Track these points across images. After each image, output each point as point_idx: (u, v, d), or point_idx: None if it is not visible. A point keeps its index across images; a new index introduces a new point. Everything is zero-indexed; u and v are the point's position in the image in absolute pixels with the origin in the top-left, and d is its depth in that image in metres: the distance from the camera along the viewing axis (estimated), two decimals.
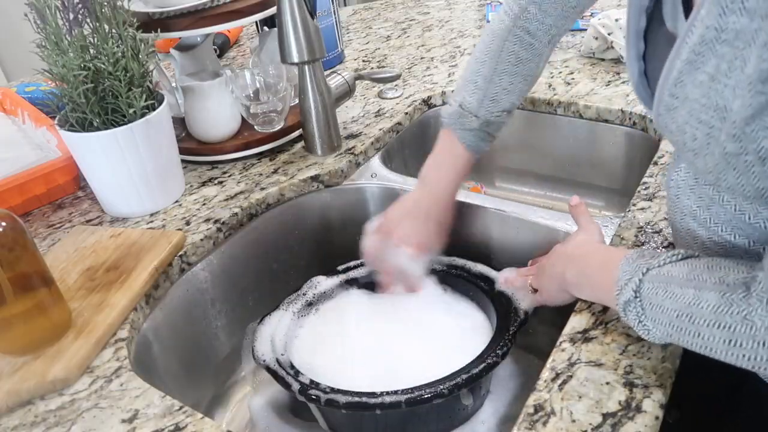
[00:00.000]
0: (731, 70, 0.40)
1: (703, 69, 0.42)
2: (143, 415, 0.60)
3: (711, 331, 0.47)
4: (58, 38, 0.78)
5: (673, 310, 0.50)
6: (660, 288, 0.51)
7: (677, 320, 0.50)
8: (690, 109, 0.44)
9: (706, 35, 0.41)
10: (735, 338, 0.45)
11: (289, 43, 0.90)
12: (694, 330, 0.48)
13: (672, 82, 0.45)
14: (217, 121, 0.98)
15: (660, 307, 0.51)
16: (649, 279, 0.53)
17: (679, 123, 0.46)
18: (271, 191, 0.93)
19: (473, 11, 1.57)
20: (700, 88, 0.42)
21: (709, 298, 0.47)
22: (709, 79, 0.42)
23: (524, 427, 0.54)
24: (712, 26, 0.40)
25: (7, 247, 0.63)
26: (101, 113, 0.82)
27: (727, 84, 0.40)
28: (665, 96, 0.46)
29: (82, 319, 0.70)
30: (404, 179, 0.98)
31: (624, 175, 1.10)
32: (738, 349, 0.46)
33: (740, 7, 0.38)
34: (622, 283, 0.54)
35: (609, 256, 0.60)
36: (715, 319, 0.47)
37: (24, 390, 0.63)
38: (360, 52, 1.42)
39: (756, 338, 0.44)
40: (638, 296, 0.53)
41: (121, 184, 0.86)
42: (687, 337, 0.49)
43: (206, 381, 0.87)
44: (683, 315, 0.49)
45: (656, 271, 0.53)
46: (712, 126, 0.42)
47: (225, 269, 0.88)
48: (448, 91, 1.17)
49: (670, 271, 0.52)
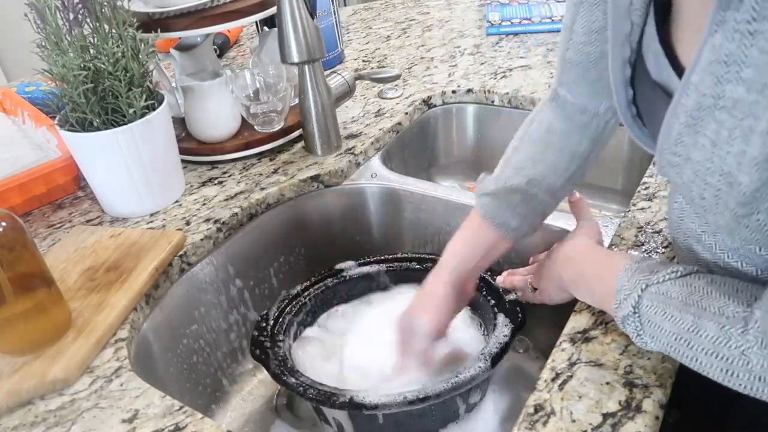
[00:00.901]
0: (732, 138, 0.39)
1: (703, 132, 0.41)
2: (143, 415, 0.60)
3: (709, 360, 0.48)
4: (58, 38, 0.78)
5: (672, 332, 0.50)
6: (659, 308, 0.51)
7: (675, 342, 0.50)
8: (695, 170, 0.43)
9: (703, 102, 0.40)
10: (732, 369, 0.46)
11: (289, 43, 0.90)
12: (692, 355, 0.49)
13: (673, 142, 0.45)
14: (217, 121, 0.98)
15: (658, 326, 0.51)
16: (648, 296, 0.52)
17: (684, 180, 0.45)
18: (271, 191, 0.93)
19: (473, 11, 1.57)
20: (703, 152, 0.42)
21: (708, 327, 0.47)
22: (710, 144, 0.41)
23: (524, 427, 0.54)
24: (709, 94, 0.40)
25: (7, 247, 0.63)
26: (101, 113, 0.82)
27: (729, 152, 0.40)
28: (667, 153, 0.46)
29: (82, 319, 0.70)
30: (404, 179, 0.98)
31: (624, 175, 1.10)
32: (735, 379, 0.46)
33: (736, 77, 0.38)
34: (621, 297, 0.54)
35: (607, 264, 0.59)
36: (713, 349, 0.47)
37: (24, 390, 0.63)
38: (360, 52, 1.42)
39: (752, 373, 0.45)
40: (637, 312, 0.53)
41: (121, 184, 0.86)
42: (685, 360, 0.50)
43: (206, 381, 0.87)
44: (681, 339, 0.49)
45: (655, 288, 0.52)
46: (719, 189, 0.42)
47: (225, 269, 0.88)
48: (448, 91, 1.17)
49: (670, 290, 0.51)
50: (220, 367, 0.90)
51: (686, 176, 0.45)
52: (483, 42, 1.37)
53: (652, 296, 0.52)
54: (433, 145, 1.21)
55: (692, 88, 0.41)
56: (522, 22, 1.39)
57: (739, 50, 0.37)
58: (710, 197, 0.43)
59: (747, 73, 0.37)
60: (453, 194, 0.95)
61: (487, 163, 1.18)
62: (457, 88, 1.17)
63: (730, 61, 0.38)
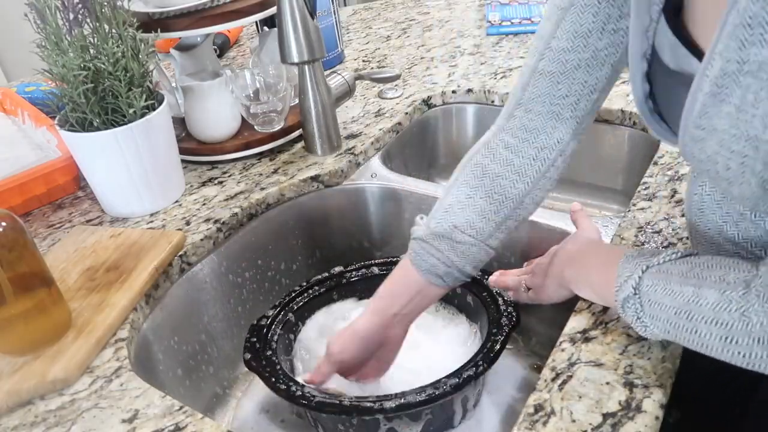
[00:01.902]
0: (758, 101, 0.40)
1: (728, 101, 0.42)
2: (143, 415, 0.60)
3: (708, 329, 0.48)
4: (58, 38, 0.78)
5: (672, 307, 0.50)
6: (659, 285, 0.52)
7: (675, 317, 0.50)
8: (720, 140, 0.43)
9: (728, 68, 0.41)
10: (731, 335, 0.46)
11: (289, 43, 0.90)
12: (691, 327, 0.49)
13: (696, 114, 0.45)
14: (217, 121, 0.98)
15: (659, 304, 0.51)
16: (648, 276, 0.53)
17: (708, 153, 0.45)
18: (271, 191, 0.93)
19: (473, 11, 1.57)
20: (728, 119, 0.42)
21: (708, 295, 0.48)
22: (735, 110, 0.41)
23: (524, 427, 0.54)
24: (733, 59, 0.40)
25: (7, 247, 0.63)
26: (101, 113, 0.82)
27: (755, 114, 0.40)
28: (690, 128, 0.46)
29: (82, 319, 0.70)
30: (404, 179, 0.98)
31: (624, 175, 1.10)
32: (734, 347, 0.46)
33: (760, 39, 0.38)
34: (621, 280, 0.54)
35: (608, 255, 0.60)
36: (713, 317, 0.47)
37: (24, 390, 0.63)
38: (360, 52, 1.42)
39: (752, 335, 0.45)
40: (637, 293, 0.53)
41: (121, 184, 0.86)
42: (684, 334, 0.50)
43: (206, 381, 0.87)
44: (681, 312, 0.49)
45: (656, 268, 0.53)
46: (745, 155, 0.42)
47: (225, 269, 0.88)
48: (448, 91, 1.17)
49: (670, 268, 0.52)
50: (220, 367, 0.90)
51: (710, 149, 0.45)
52: (483, 42, 1.37)
53: (652, 275, 0.53)
54: (433, 145, 1.21)
55: (717, 56, 0.41)
56: (522, 22, 1.39)
57: (763, 10, 0.37)
58: (736, 166, 0.43)
59: None
60: None
61: None
62: (457, 88, 1.17)
63: (754, 23, 0.38)
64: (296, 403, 0.67)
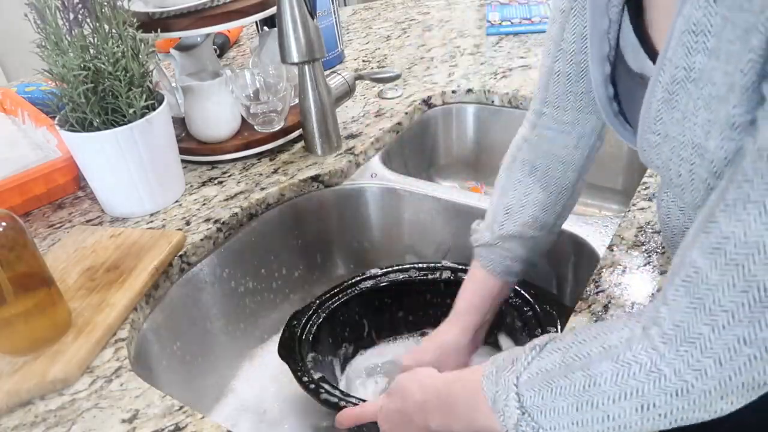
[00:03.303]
0: (696, 109, 0.40)
1: (677, 107, 0.42)
2: (143, 415, 0.60)
3: (620, 407, 0.42)
4: (58, 38, 0.78)
5: (570, 405, 0.44)
6: (544, 389, 0.45)
7: (579, 414, 0.44)
8: (671, 147, 0.44)
9: (677, 75, 0.41)
10: (645, 401, 0.41)
11: (289, 43, 0.90)
12: (601, 415, 0.43)
13: (651, 120, 0.45)
14: (217, 121, 0.98)
15: (554, 410, 0.45)
16: (524, 386, 0.46)
17: (663, 159, 0.45)
18: (271, 191, 0.93)
19: (473, 11, 1.57)
20: (677, 126, 0.42)
21: (603, 370, 0.43)
22: (682, 117, 0.42)
23: None
24: (681, 66, 0.40)
25: (7, 247, 0.63)
26: (101, 113, 0.82)
27: (695, 122, 0.40)
28: (647, 133, 0.46)
29: (82, 319, 0.70)
30: (404, 179, 0.98)
31: (624, 175, 1.10)
32: (652, 413, 0.41)
33: (703, 47, 0.38)
34: (500, 406, 0.47)
35: (465, 385, 0.52)
36: (619, 391, 0.42)
37: (24, 390, 0.63)
38: (360, 52, 1.42)
39: (667, 390, 0.40)
40: (525, 411, 0.46)
41: (121, 184, 0.86)
42: (597, 426, 0.43)
43: (206, 381, 0.87)
44: (583, 404, 0.43)
45: (527, 374, 0.47)
46: (693, 163, 0.42)
47: (225, 269, 0.88)
48: (448, 91, 1.17)
49: (542, 366, 0.46)
50: (220, 367, 0.90)
51: (664, 155, 0.45)
52: (483, 42, 1.37)
53: (529, 383, 0.46)
54: (433, 145, 1.21)
55: (667, 63, 0.41)
56: (522, 22, 1.39)
57: (705, 18, 0.38)
58: (685, 173, 0.43)
59: (712, 42, 0.38)
60: (453, 194, 0.95)
61: (487, 163, 1.18)
62: (457, 88, 1.17)
63: (698, 30, 0.38)
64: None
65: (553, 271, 0.87)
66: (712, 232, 0.38)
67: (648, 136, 0.46)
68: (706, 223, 0.39)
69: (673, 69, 0.41)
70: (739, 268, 0.36)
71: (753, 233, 0.36)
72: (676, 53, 0.40)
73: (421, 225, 0.98)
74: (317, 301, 0.83)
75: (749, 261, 0.36)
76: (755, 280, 0.36)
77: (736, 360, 0.38)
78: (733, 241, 0.37)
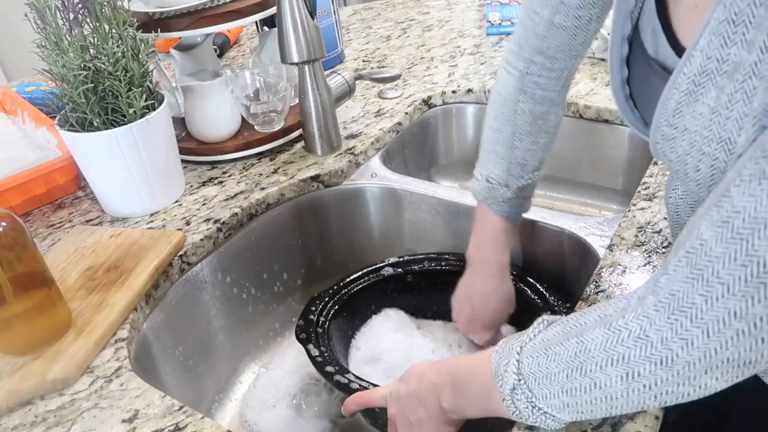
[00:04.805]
0: (732, 103, 0.39)
1: (702, 100, 0.41)
2: (143, 415, 0.60)
3: (606, 374, 0.42)
4: (58, 38, 0.78)
5: (561, 371, 0.45)
6: (540, 356, 0.46)
7: (568, 381, 0.44)
8: (691, 141, 0.43)
9: (707, 66, 0.40)
10: (631, 369, 0.41)
11: (289, 43, 0.90)
12: (588, 382, 0.43)
13: (670, 113, 0.44)
14: (217, 121, 0.98)
15: (546, 376, 0.45)
16: (526, 354, 0.48)
17: (679, 153, 0.45)
18: (271, 191, 0.93)
19: (473, 11, 1.57)
20: (701, 120, 0.42)
21: (594, 336, 0.43)
22: (710, 111, 0.41)
23: (524, 427, 0.54)
24: (714, 57, 0.40)
25: (7, 247, 0.63)
26: (101, 113, 0.82)
27: (728, 117, 0.40)
28: (663, 126, 0.46)
29: (82, 319, 0.70)
30: (404, 179, 0.98)
31: (624, 175, 1.10)
32: (636, 382, 0.41)
33: (741, 39, 0.38)
34: (501, 371, 0.48)
35: (475, 361, 0.53)
36: (606, 357, 0.42)
37: (24, 390, 0.63)
38: (360, 52, 1.42)
39: (652, 358, 0.40)
40: (521, 378, 0.47)
41: (121, 184, 0.86)
42: (584, 396, 0.44)
43: (206, 381, 0.87)
44: (573, 370, 0.44)
45: (530, 344, 0.48)
46: (716, 158, 0.42)
47: (225, 269, 0.88)
48: (448, 91, 1.17)
49: (545, 336, 0.48)
50: (221, 367, 0.90)
51: (681, 149, 0.45)
52: (483, 42, 1.37)
53: (530, 352, 0.47)
54: (433, 145, 1.21)
55: (697, 53, 0.41)
56: None
57: (748, 8, 0.37)
58: (705, 168, 0.43)
59: (750, 34, 0.37)
60: (453, 194, 0.95)
61: None
62: (457, 88, 1.17)
63: (738, 21, 0.38)
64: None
65: (553, 271, 0.87)
66: (724, 206, 0.38)
67: (664, 128, 0.45)
68: (720, 198, 0.39)
69: (704, 60, 0.40)
70: (744, 242, 0.36)
71: (763, 209, 0.36)
72: (710, 43, 0.40)
73: (421, 225, 0.98)
74: (335, 287, 0.86)
75: (754, 236, 0.36)
76: (756, 255, 0.36)
77: (724, 333, 0.37)
78: (742, 216, 0.37)
